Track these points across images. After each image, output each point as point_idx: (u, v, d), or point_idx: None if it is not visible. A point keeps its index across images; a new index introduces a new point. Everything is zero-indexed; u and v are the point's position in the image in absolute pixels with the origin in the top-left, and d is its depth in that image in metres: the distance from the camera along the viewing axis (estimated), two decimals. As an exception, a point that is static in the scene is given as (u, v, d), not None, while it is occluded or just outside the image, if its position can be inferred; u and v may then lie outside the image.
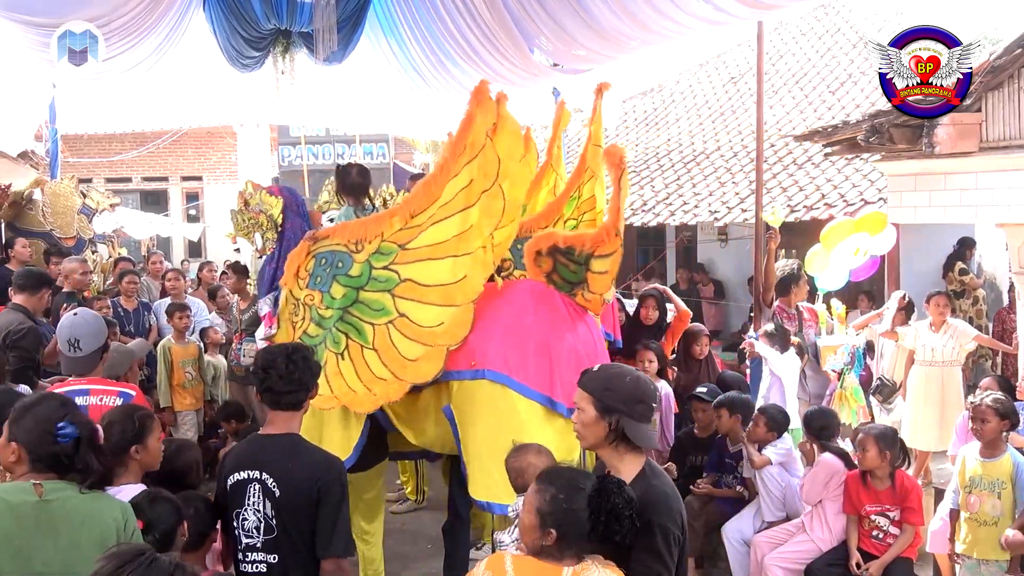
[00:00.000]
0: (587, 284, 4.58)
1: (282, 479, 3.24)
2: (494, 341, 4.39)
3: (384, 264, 4.45)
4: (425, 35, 8.92)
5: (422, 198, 4.46)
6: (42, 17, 6.98)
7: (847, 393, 6.75)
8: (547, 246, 4.61)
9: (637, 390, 2.94)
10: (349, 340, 4.43)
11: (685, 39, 7.13)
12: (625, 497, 2.63)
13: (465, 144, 4.42)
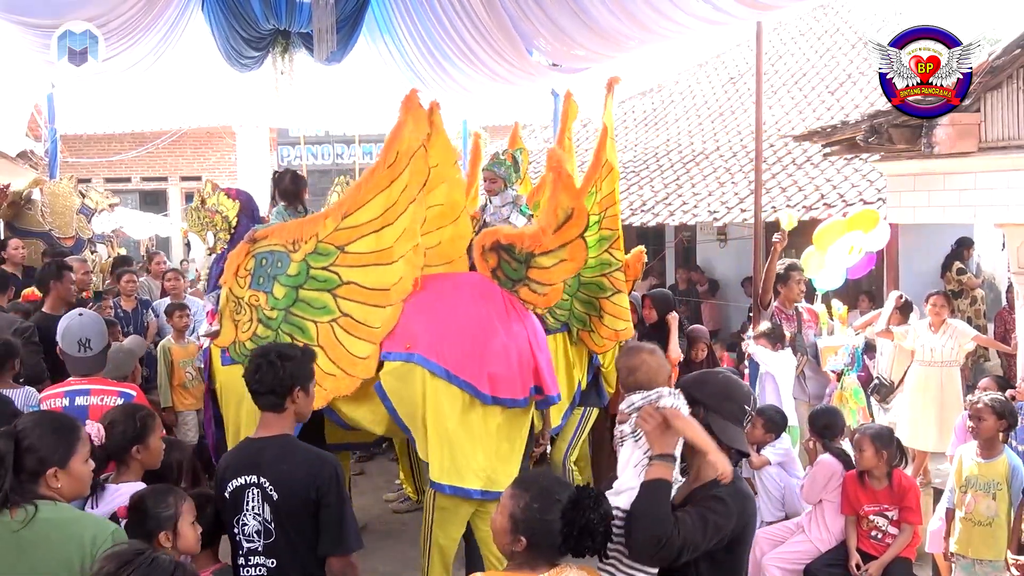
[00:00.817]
0: (531, 280, 4.77)
1: (278, 482, 3.21)
2: (429, 328, 4.55)
3: (323, 265, 4.62)
4: (423, 35, 8.93)
5: (353, 200, 4.64)
6: (39, 18, 6.98)
7: (847, 394, 6.76)
8: (491, 243, 4.78)
9: (728, 388, 3.03)
10: (297, 341, 4.55)
11: (684, 39, 7.14)
12: (600, 512, 2.60)
13: (396, 151, 4.61)
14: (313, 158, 21.74)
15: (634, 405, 3.05)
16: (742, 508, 2.88)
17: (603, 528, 2.59)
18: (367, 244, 4.62)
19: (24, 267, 8.53)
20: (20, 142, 11.49)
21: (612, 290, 6.01)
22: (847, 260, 7.58)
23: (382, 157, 4.67)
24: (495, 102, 10.30)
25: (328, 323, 4.60)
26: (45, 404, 4.23)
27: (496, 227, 5.24)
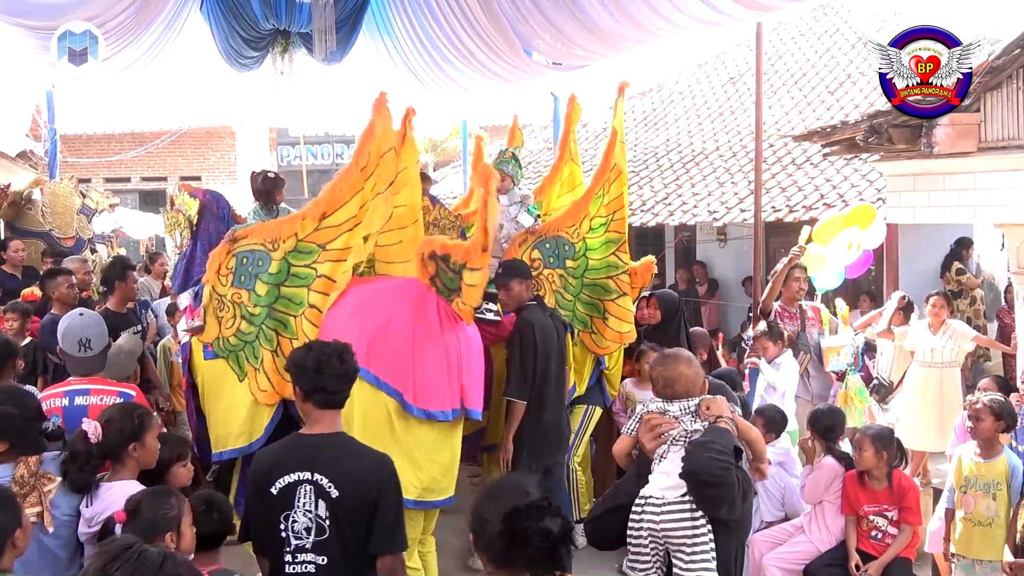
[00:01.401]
0: (461, 293, 4.78)
1: (339, 479, 3.21)
2: (362, 335, 4.54)
3: (305, 263, 4.80)
4: (422, 35, 8.93)
5: (330, 200, 4.82)
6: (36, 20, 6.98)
7: (851, 393, 6.75)
8: (429, 251, 4.83)
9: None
10: (279, 336, 4.76)
11: (682, 40, 7.14)
12: (541, 527, 2.41)
13: (368, 151, 4.83)
14: (313, 158, 21.73)
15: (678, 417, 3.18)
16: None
17: (539, 543, 2.41)
18: (342, 241, 4.83)
19: (24, 267, 8.53)
20: (20, 142, 11.49)
21: (618, 292, 6.15)
22: (847, 257, 7.57)
23: (355, 158, 4.87)
24: (494, 102, 10.29)
25: (300, 316, 4.78)
26: (45, 404, 4.22)
27: (435, 236, 5.39)
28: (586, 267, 6.18)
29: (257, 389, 4.76)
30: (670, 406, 3.19)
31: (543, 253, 6.08)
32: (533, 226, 6.24)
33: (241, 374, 4.79)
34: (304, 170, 20.45)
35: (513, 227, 6.27)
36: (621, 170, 6.21)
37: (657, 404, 3.24)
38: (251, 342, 4.76)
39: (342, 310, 4.78)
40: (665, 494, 3.06)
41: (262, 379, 4.75)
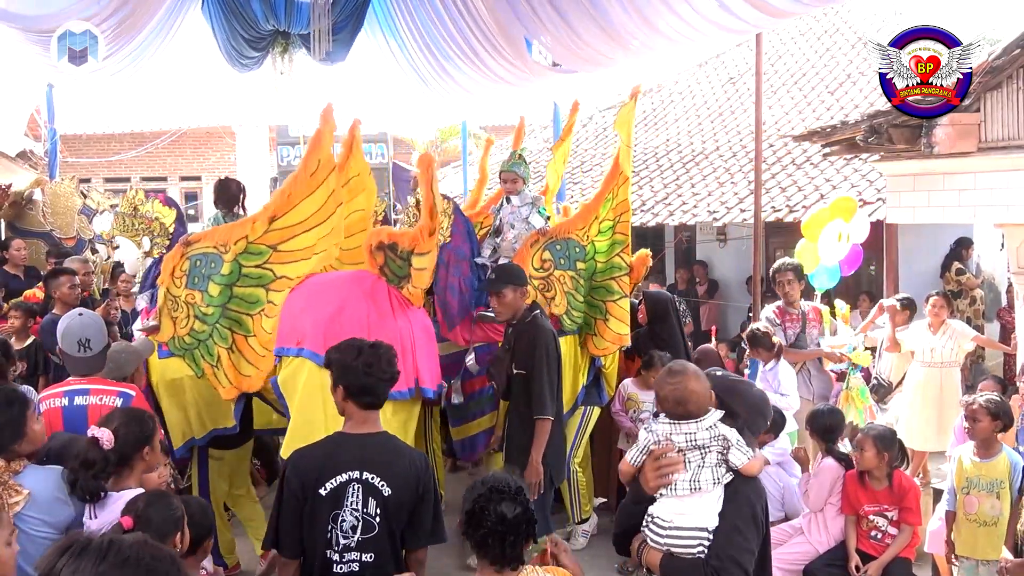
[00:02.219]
0: (410, 279, 5.04)
1: (390, 477, 3.27)
2: (320, 325, 4.76)
3: (256, 263, 5.08)
4: (424, 35, 8.93)
5: (279, 204, 5.09)
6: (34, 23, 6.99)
7: (853, 394, 6.75)
8: (376, 242, 5.07)
9: (761, 405, 3.13)
10: (234, 334, 5.07)
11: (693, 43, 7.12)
12: (497, 509, 2.60)
13: (318, 159, 5.12)
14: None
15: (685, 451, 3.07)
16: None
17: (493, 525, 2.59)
18: (297, 243, 5.09)
19: (25, 267, 8.54)
20: (20, 142, 11.49)
21: (620, 294, 6.24)
22: (838, 250, 7.56)
23: (303, 165, 5.14)
24: (495, 102, 10.30)
25: (259, 314, 5.06)
26: (44, 404, 4.22)
27: (380, 228, 5.62)
28: (594, 269, 6.24)
29: (218, 385, 5.07)
30: (677, 428, 3.07)
31: (554, 255, 6.13)
32: (544, 227, 6.26)
33: (198, 371, 5.08)
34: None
35: (524, 228, 6.29)
36: (627, 176, 6.32)
37: (664, 427, 3.11)
38: (205, 340, 5.04)
39: (296, 302, 4.99)
40: (674, 518, 3.04)
41: (221, 376, 5.06)
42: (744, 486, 3.04)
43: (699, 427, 3.05)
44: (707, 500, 3.02)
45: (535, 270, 6.03)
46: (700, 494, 3.02)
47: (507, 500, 2.63)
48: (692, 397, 3.07)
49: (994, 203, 6.76)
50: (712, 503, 3.02)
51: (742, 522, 3.00)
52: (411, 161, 22.79)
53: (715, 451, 3.03)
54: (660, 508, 3.07)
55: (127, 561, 1.79)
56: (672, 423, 3.09)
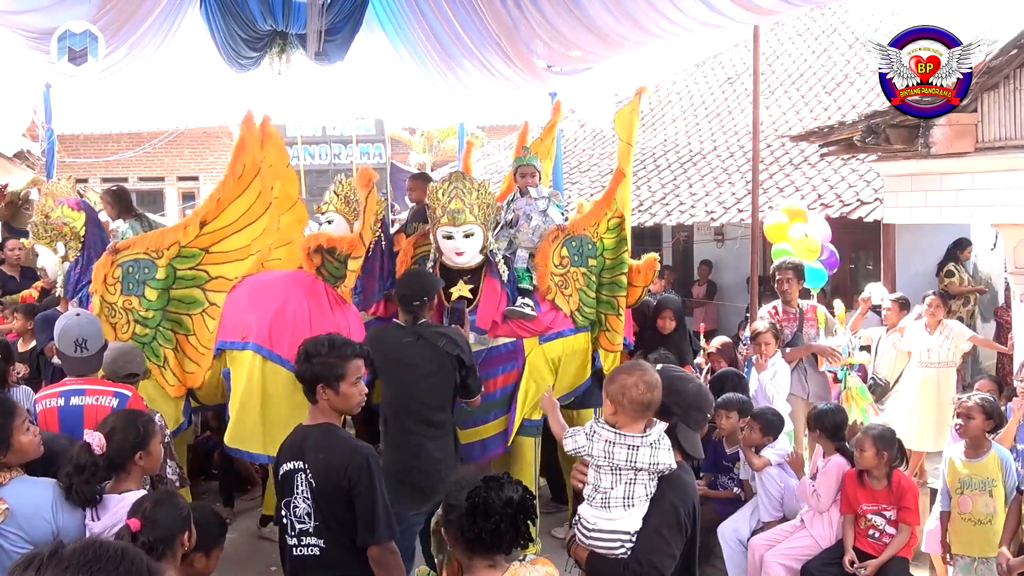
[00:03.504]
0: (345, 280, 5.46)
1: (316, 468, 3.40)
2: (265, 320, 5.20)
3: (190, 266, 5.39)
4: (422, 36, 8.92)
5: (210, 209, 5.41)
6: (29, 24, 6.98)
7: (853, 392, 6.76)
8: (315, 245, 5.46)
9: (697, 398, 3.08)
10: (176, 334, 5.37)
11: (681, 41, 7.14)
12: (502, 495, 2.61)
13: (243, 164, 5.41)
14: (310, 158, 21.67)
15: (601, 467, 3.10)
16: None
17: (502, 509, 2.59)
18: (230, 244, 5.42)
19: (22, 268, 8.52)
20: (17, 142, 11.46)
21: (626, 291, 6.32)
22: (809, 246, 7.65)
23: (230, 170, 5.44)
24: (493, 102, 10.29)
25: (200, 314, 5.38)
26: (40, 404, 4.22)
27: (320, 232, 5.93)
28: (603, 266, 6.28)
29: (167, 384, 5.35)
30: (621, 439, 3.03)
31: (570, 251, 6.14)
32: (563, 224, 6.26)
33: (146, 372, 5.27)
34: (302, 170, 20.42)
35: (542, 220, 6.25)
36: (624, 173, 6.37)
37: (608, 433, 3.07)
38: (149, 343, 5.29)
39: (239, 299, 5.36)
40: (597, 521, 3.08)
41: (169, 375, 5.36)
42: (669, 490, 3.04)
43: (643, 442, 3.02)
44: (634, 511, 3.06)
45: (555, 266, 6.07)
46: (632, 510, 3.05)
47: (506, 484, 2.65)
48: (655, 404, 3.05)
49: (991, 203, 6.77)
50: (637, 511, 3.06)
51: (665, 527, 3.01)
52: (408, 161, 22.79)
53: (651, 472, 3.04)
54: (586, 510, 3.13)
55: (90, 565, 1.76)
56: (616, 432, 3.05)
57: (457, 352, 4.94)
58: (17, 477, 3.29)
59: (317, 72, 9.74)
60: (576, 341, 6.15)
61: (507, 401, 5.92)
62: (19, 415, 3.32)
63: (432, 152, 22.54)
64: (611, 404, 3.09)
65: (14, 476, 3.28)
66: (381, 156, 21.60)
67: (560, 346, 6.06)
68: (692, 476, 3.13)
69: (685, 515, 3.03)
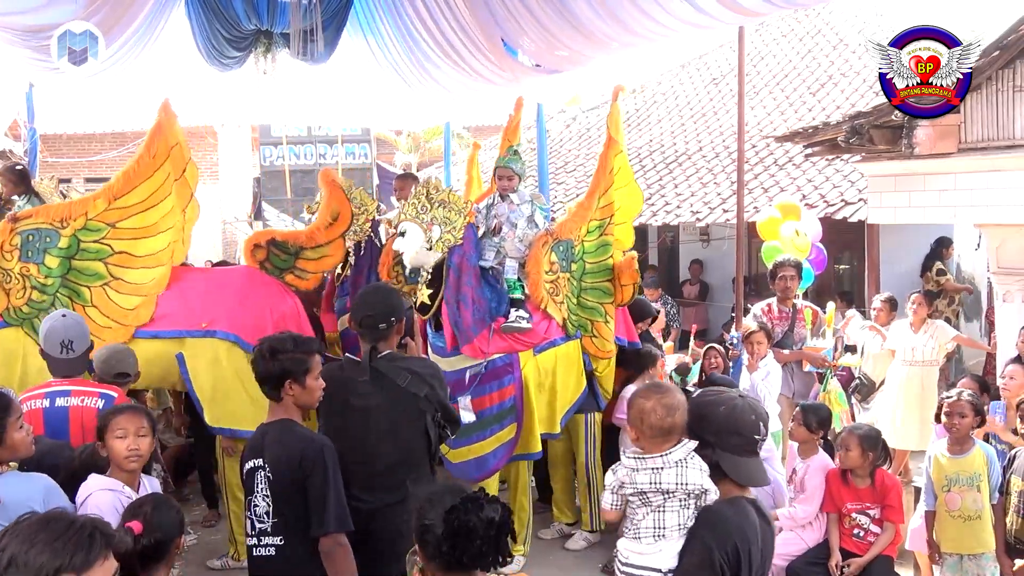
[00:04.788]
0: (297, 268, 5.86)
1: (272, 464, 3.39)
2: (225, 309, 5.59)
3: (95, 239, 5.48)
4: (406, 35, 8.90)
5: (122, 185, 5.57)
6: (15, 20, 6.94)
7: (831, 397, 6.77)
8: (265, 240, 5.88)
9: (731, 421, 2.77)
10: (73, 304, 5.39)
11: (667, 42, 7.15)
12: (483, 516, 2.45)
13: (158, 147, 5.67)
14: (296, 158, 21.62)
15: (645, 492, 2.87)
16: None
17: (485, 532, 2.44)
18: (137, 221, 5.55)
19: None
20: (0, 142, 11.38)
21: (612, 296, 6.22)
22: (800, 243, 7.69)
23: (146, 149, 5.67)
24: (478, 103, 10.28)
25: (101, 287, 5.46)
26: (25, 405, 4.18)
27: (269, 229, 6.24)
28: (583, 271, 6.15)
29: None
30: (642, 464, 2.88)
31: (559, 256, 6.01)
32: (550, 227, 6.11)
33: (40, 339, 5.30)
34: (287, 170, 20.38)
35: (527, 227, 5.97)
36: (613, 180, 6.29)
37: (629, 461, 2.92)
38: (45, 309, 5.27)
39: (191, 292, 5.66)
40: (630, 556, 2.91)
41: None
42: (703, 527, 2.77)
43: (666, 462, 2.82)
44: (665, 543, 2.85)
45: (546, 273, 5.92)
46: (664, 541, 2.84)
47: (486, 504, 2.50)
48: (678, 428, 2.86)
49: (974, 203, 6.82)
50: (669, 545, 2.84)
51: (694, 570, 2.74)
52: (394, 162, 22.75)
53: (679, 496, 2.82)
54: (622, 542, 2.98)
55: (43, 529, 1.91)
56: (637, 457, 2.89)
57: (426, 392, 4.01)
58: (8, 471, 3.31)
59: (302, 72, 9.70)
60: (568, 349, 6.05)
61: (503, 417, 5.74)
62: (14, 412, 3.32)
63: (418, 152, 22.52)
64: (632, 430, 2.95)
65: (5, 471, 3.29)
66: (367, 156, 21.58)
67: (553, 356, 5.96)
68: (744, 511, 2.77)
69: (722, 557, 2.66)
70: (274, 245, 5.86)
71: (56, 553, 1.90)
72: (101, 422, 3.59)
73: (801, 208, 8.29)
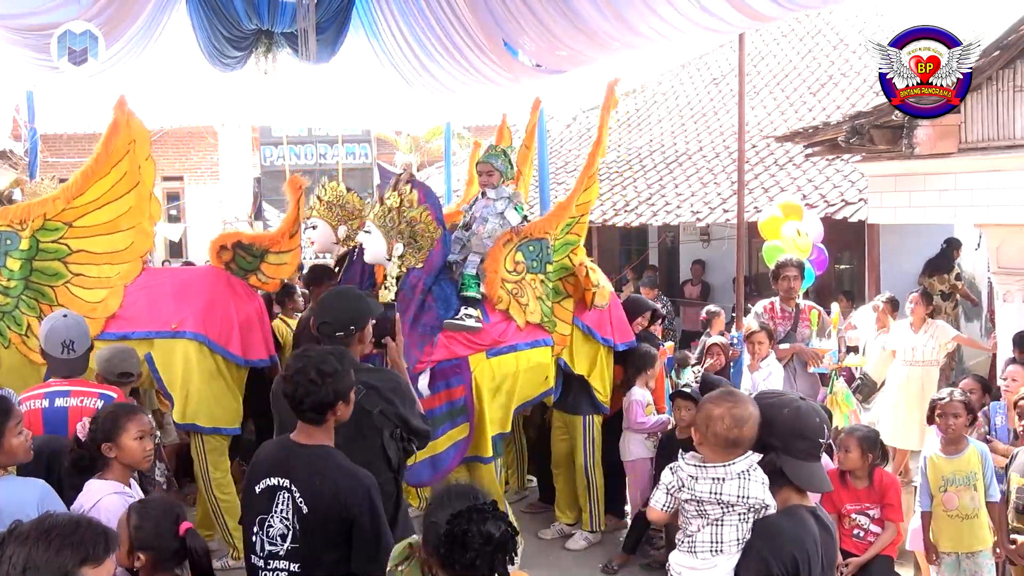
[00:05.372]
0: (260, 272, 5.94)
1: (309, 496, 3.12)
2: (194, 310, 5.65)
3: (53, 239, 5.55)
4: (407, 34, 8.90)
5: (80, 184, 5.62)
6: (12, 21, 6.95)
7: (838, 398, 6.76)
8: (232, 242, 5.96)
9: (798, 424, 2.69)
10: (40, 304, 5.48)
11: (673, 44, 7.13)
12: (483, 530, 2.43)
13: (115, 145, 5.68)
14: (296, 158, 21.64)
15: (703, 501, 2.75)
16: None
17: (480, 545, 2.42)
18: (94, 218, 5.61)
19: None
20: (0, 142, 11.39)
21: (564, 295, 6.14)
22: (801, 244, 7.69)
23: (103, 148, 5.69)
24: (479, 102, 10.28)
25: (63, 285, 5.54)
26: (24, 406, 4.18)
27: (235, 231, 6.35)
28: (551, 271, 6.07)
29: (28, 351, 5.40)
30: (704, 473, 2.74)
31: (527, 256, 5.86)
32: (519, 226, 5.91)
33: (5, 341, 5.44)
34: (287, 170, 20.36)
35: (498, 223, 5.88)
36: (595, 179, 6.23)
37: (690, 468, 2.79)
38: (10, 311, 5.44)
39: (159, 290, 5.73)
40: (683, 571, 2.82)
41: (32, 342, 5.36)
42: (758, 540, 2.67)
43: (728, 472, 2.70)
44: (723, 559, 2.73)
45: (508, 272, 5.76)
46: (722, 556, 2.71)
47: (489, 519, 2.46)
48: (744, 441, 2.72)
49: (975, 203, 6.82)
50: (726, 560, 2.72)
51: None
52: (395, 162, 22.75)
53: (740, 510, 2.70)
54: (675, 555, 2.86)
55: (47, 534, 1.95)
56: (699, 465, 2.77)
57: (380, 407, 3.75)
58: (6, 476, 3.29)
59: (303, 72, 9.71)
60: (535, 355, 5.86)
61: (455, 415, 5.64)
62: (14, 416, 3.30)
63: (418, 152, 22.52)
64: (697, 433, 2.82)
65: (2, 476, 3.27)
66: (367, 156, 21.59)
67: (513, 361, 5.75)
68: (802, 521, 2.69)
69: (780, 570, 2.59)
70: (240, 247, 5.97)
71: (76, 547, 1.98)
72: (109, 424, 3.53)
73: (803, 208, 8.28)
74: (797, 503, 2.73)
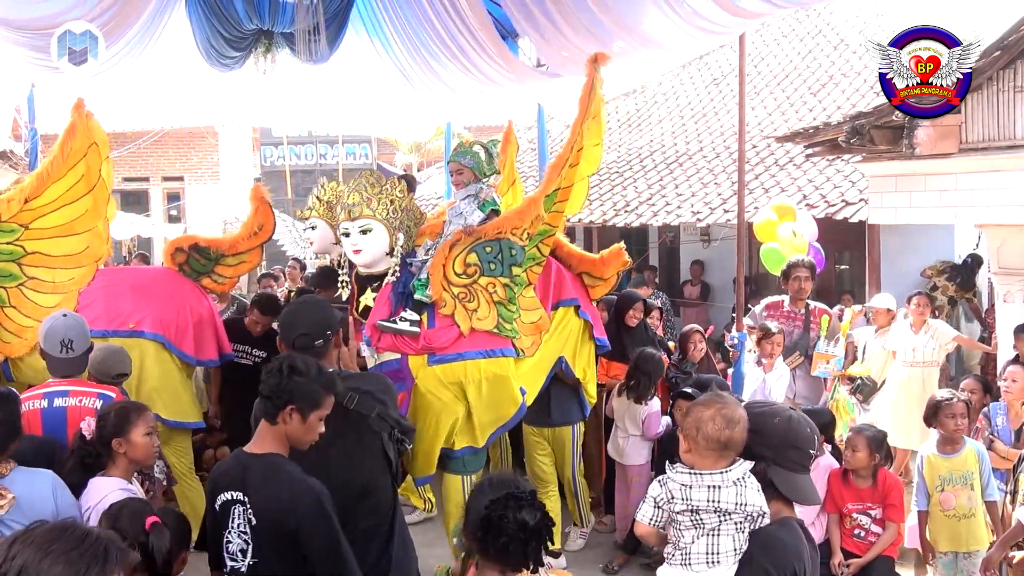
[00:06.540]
0: (215, 273, 6.12)
1: (257, 506, 3.01)
2: (152, 310, 5.76)
3: (7, 240, 5.52)
4: (410, 33, 8.90)
5: (36, 186, 5.59)
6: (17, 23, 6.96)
7: (839, 405, 6.76)
8: (188, 245, 6.12)
9: (790, 434, 2.65)
10: None
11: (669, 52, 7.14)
12: (518, 517, 2.49)
13: (72, 147, 5.67)
14: (296, 158, 21.68)
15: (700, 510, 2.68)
16: None
17: (513, 531, 2.49)
18: (50, 220, 5.59)
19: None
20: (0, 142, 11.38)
21: (526, 283, 5.37)
22: (798, 245, 7.70)
23: (60, 150, 5.65)
24: (480, 103, 10.28)
25: (16, 287, 5.54)
26: (24, 405, 4.18)
27: (192, 235, 6.36)
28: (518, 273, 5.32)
29: None
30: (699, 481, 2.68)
31: (482, 258, 5.15)
32: (470, 225, 5.27)
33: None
34: (288, 170, 20.42)
35: (460, 224, 5.36)
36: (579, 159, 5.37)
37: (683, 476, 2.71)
38: None
39: (116, 291, 5.79)
40: None
41: None
42: (758, 551, 2.62)
43: (724, 480, 2.64)
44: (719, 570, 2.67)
45: (456, 275, 5.12)
46: (719, 567, 2.64)
47: (526, 506, 2.52)
48: (735, 444, 2.68)
49: (975, 204, 6.82)
50: (723, 572, 2.66)
51: None
52: (395, 162, 22.76)
53: (736, 519, 2.64)
54: (667, 572, 2.77)
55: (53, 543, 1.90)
56: (693, 473, 2.69)
57: (377, 410, 3.69)
58: (15, 468, 3.32)
59: (303, 73, 9.70)
60: (490, 366, 5.13)
61: None
62: (21, 402, 3.45)
63: (419, 153, 22.53)
64: (685, 440, 2.74)
65: (10, 469, 3.31)
66: (367, 156, 21.61)
67: (461, 369, 5.08)
68: (796, 533, 2.66)
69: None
70: (196, 250, 6.11)
71: (71, 564, 1.86)
72: (120, 419, 3.56)
73: (796, 209, 8.29)
74: (788, 516, 2.69)
